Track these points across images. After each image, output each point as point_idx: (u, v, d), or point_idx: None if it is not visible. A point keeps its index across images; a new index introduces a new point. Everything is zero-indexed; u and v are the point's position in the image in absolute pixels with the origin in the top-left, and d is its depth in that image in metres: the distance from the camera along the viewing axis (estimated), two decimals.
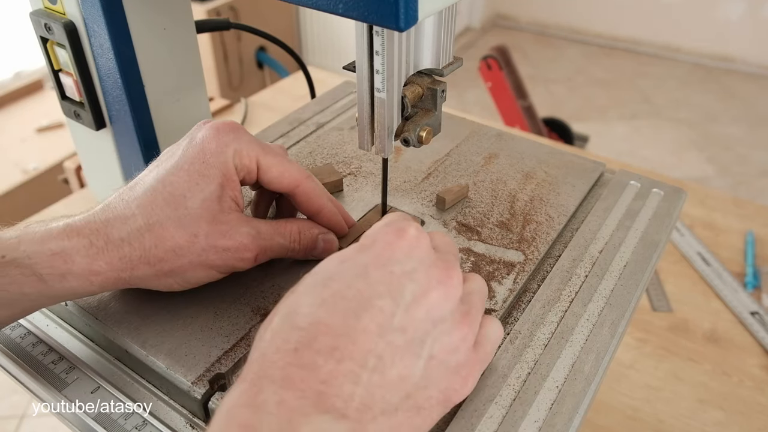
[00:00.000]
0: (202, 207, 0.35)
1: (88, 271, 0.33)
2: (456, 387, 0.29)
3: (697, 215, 0.91)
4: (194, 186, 0.35)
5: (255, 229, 0.36)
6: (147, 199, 0.34)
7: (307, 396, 0.24)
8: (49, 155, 1.67)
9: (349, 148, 0.56)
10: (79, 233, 0.33)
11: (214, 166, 0.35)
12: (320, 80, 0.85)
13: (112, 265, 0.33)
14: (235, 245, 0.35)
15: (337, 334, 0.26)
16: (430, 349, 0.28)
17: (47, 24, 0.47)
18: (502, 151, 0.55)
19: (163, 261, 0.34)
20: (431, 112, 0.40)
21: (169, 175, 0.35)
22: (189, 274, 0.35)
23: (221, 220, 0.35)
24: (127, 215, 0.34)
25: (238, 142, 0.36)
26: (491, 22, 3.74)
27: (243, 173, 0.37)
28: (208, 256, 0.35)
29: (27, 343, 0.38)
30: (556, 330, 0.38)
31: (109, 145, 0.53)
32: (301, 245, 0.39)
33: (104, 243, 0.33)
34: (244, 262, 0.36)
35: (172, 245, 0.34)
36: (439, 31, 0.37)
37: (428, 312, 0.28)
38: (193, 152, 0.36)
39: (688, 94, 3.01)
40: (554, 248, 0.45)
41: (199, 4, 2.13)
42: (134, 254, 0.33)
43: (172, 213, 0.34)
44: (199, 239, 0.34)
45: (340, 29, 2.72)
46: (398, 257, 0.28)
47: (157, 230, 0.34)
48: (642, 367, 0.70)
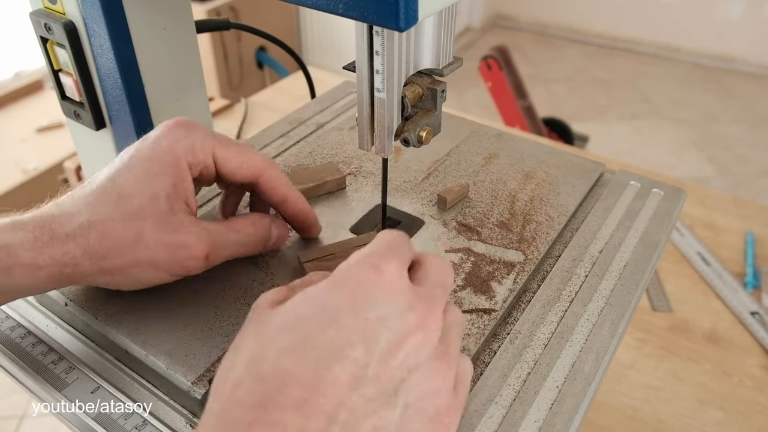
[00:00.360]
0: (150, 207, 0.34)
1: (33, 264, 0.32)
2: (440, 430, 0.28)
3: (697, 215, 0.91)
4: (141, 185, 0.34)
5: (204, 228, 0.36)
6: (94, 198, 0.34)
7: None
8: (49, 155, 1.67)
9: (349, 148, 0.56)
10: (24, 228, 0.33)
11: (163, 163, 0.35)
12: (320, 80, 0.85)
13: (56, 260, 0.33)
14: (183, 242, 0.35)
15: (305, 386, 0.24)
16: (405, 398, 0.26)
17: (47, 24, 0.47)
18: (502, 151, 0.55)
19: (106, 258, 0.34)
20: (431, 112, 0.40)
21: (118, 174, 0.35)
22: (135, 273, 0.35)
23: (168, 221, 0.35)
24: (73, 212, 0.34)
25: (189, 138, 0.36)
26: (491, 22, 3.74)
27: (199, 168, 0.37)
28: (154, 254, 0.34)
29: (27, 343, 0.38)
30: (556, 330, 0.38)
31: (109, 145, 0.53)
32: (255, 238, 0.39)
33: (48, 238, 0.33)
34: (194, 260, 0.35)
35: (116, 242, 0.33)
36: (439, 31, 0.37)
37: (403, 360, 0.26)
38: (144, 152, 0.35)
39: (688, 94, 3.01)
40: (554, 248, 0.45)
41: (199, 4, 2.13)
42: (77, 250, 0.33)
43: (118, 210, 0.34)
44: (144, 236, 0.34)
45: (340, 29, 2.72)
46: (372, 300, 0.26)
47: (100, 227, 0.33)
48: (642, 367, 0.70)
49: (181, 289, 0.39)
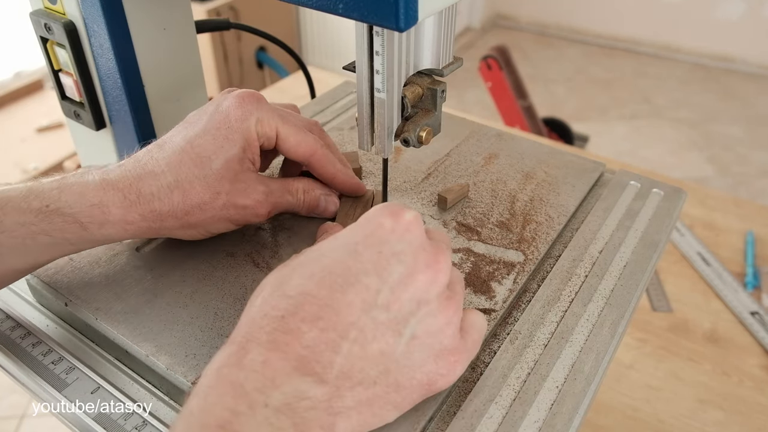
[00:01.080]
0: (225, 167, 0.38)
1: (123, 220, 0.36)
2: (442, 372, 0.30)
3: (697, 215, 0.91)
4: (219, 149, 0.38)
5: (268, 187, 0.40)
6: (175, 159, 0.38)
7: (290, 358, 0.26)
8: (49, 155, 1.67)
9: (349, 148, 0.56)
10: (114, 187, 0.36)
11: (237, 131, 0.39)
12: (320, 80, 0.85)
13: (144, 217, 0.37)
14: (252, 203, 0.39)
15: (322, 305, 0.27)
16: (413, 329, 0.28)
17: (47, 24, 0.47)
18: (502, 151, 0.55)
19: (188, 215, 0.38)
20: (431, 112, 0.40)
21: (196, 137, 0.38)
22: (211, 226, 0.39)
23: (240, 179, 0.39)
24: (157, 172, 0.37)
25: (260, 111, 0.40)
26: (491, 22, 3.74)
27: (263, 140, 0.40)
28: (228, 212, 0.39)
29: (27, 343, 0.38)
30: (556, 330, 0.38)
31: (109, 145, 0.53)
32: (305, 203, 0.43)
33: (136, 197, 0.36)
34: (258, 217, 0.40)
35: (197, 201, 0.38)
36: (439, 31, 0.37)
37: (414, 293, 0.28)
38: (219, 118, 0.39)
39: (688, 94, 3.01)
40: (554, 248, 0.45)
41: (199, 4, 2.13)
42: (163, 208, 0.37)
43: (199, 172, 0.38)
44: (221, 196, 0.38)
45: (340, 29, 2.72)
46: (389, 238, 0.29)
47: (184, 187, 0.37)
48: (642, 367, 0.70)
49: (181, 289, 0.39)
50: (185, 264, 0.41)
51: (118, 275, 0.40)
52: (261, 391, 0.25)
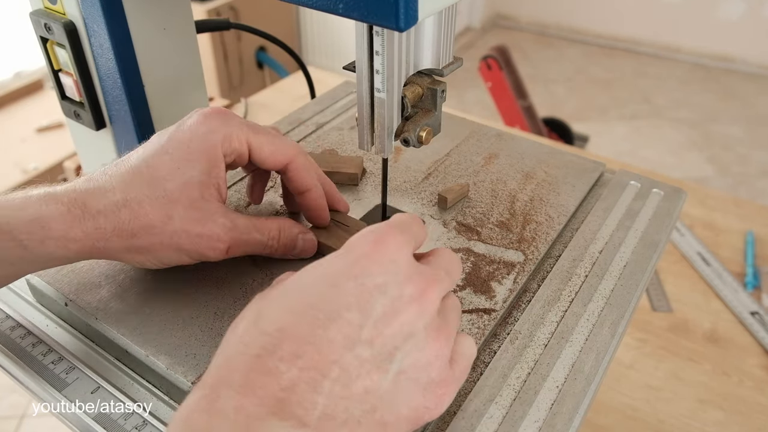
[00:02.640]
0: (181, 191, 0.35)
1: (65, 238, 0.33)
2: (429, 405, 0.28)
3: (697, 215, 0.91)
4: (176, 170, 0.35)
5: (231, 221, 0.37)
6: (128, 176, 0.35)
7: (266, 403, 0.24)
8: (49, 155, 1.67)
9: (349, 148, 0.56)
10: (58, 200, 0.34)
11: (199, 151, 0.36)
12: (320, 80, 0.85)
13: (88, 234, 0.34)
14: (208, 233, 0.36)
15: (302, 342, 0.25)
16: (400, 364, 0.27)
17: (47, 24, 0.47)
18: (502, 151, 0.55)
19: (135, 237, 0.35)
20: (431, 112, 0.40)
21: (152, 156, 0.36)
22: (160, 254, 0.36)
23: (198, 207, 0.36)
24: (107, 188, 0.35)
25: (227, 127, 0.37)
26: (491, 22, 3.74)
27: (233, 156, 0.38)
28: (180, 239, 0.35)
29: (27, 343, 0.38)
30: (556, 330, 0.38)
31: (109, 145, 0.53)
32: (280, 243, 0.40)
33: (81, 212, 0.34)
34: (215, 251, 0.37)
35: (145, 222, 0.35)
36: (439, 31, 0.37)
37: (399, 327, 0.27)
38: (180, 136, 0.36)
39: (688, 94, 3.01)
40: (554, 248, 0.45)
41: (199, 4, 2.13)
42: (108, 226, 0.34)
43: (150, 193, 0.35)
44: (173, 221, 0.35)
45: (340, 29, 2.72)
46: (371, 269, 0.27)
47: (133, 206, 0.34)
48: (642, 367, 0.70)
49: (181, 289, 0.39)
50: (185, 264, 0.41)
51: (118, 275, 0.40)
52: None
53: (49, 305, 0.40)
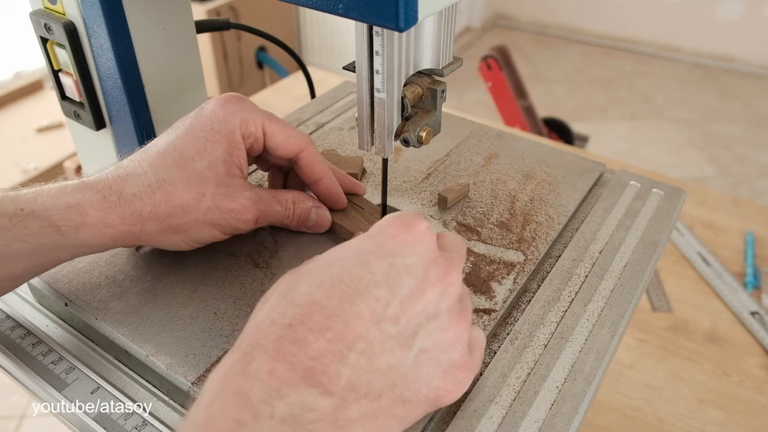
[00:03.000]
0: (209, 169, 0.37)
1: (101, 223, 0.35)
2: (449, 387, 0.29)
3: (697, 215, 0.91)
4: (202, 150, 0.37)
5: (256, 194, 0.39)
6: (158, 160, 0.37)
7: (296, 369, 0.25)
8: (49, 155, 1.67)
9: (349, 149, 0.56)
10: (93, 188, 0.35)
11: (220, 132, 0.38)
12: (320, 80, 0.85)
13: (124, 219, 0.35)
14: (238, 207, 0.38)
15: (331, 314, 0.26)
16: (422, 343, 0.28)
17: (47, 24, 0.47)
18: (502, 151, 0.55)
19: (171, 217, 0.36)
20: (431, 112, 0.40)
21: (178, 139, 0.38)
22: (194, 232, 0.37)
23: (226, 183, 0.38)
24: (139, 173, 0.36)
25: (244, 111, 0.39)
26: (491, 22, 3.74)
27: (250, 140, 0.39)
28: (213, 215, 0.37)
29: (27, 343, 0.38)
30: (556, 330, 0.38)
31: (109, 145, 0.53)
32: (295, 215, 0.42)
33: (117, 198, 0.35)
34: (245, 223, 0.39)
35: (180, 202, 0.36)
36: (439, 31, 0.37)
37: (423, 307, 0.28)
38: (201, 120, 0.38)
39: (688, 94, 3.01)
40: (554, 248, 0.45)
41: (199, 4, 2.13)
42: (144, 209, 0.36)
43: (182, 173, 0.36)
44: (205, 198, 0.37)
45: (340, 29, 2.72)
46: (400, 250, 0.28)
47: (166, 187, 0.36)
48: (642, 367, 0.70)
49: (181, 289, 0.39)
50: (185, 264, 0.41)
51: (118, 275, 0.40)
52: (266, 402, 0.24)
53: (49, 305, 0.41)
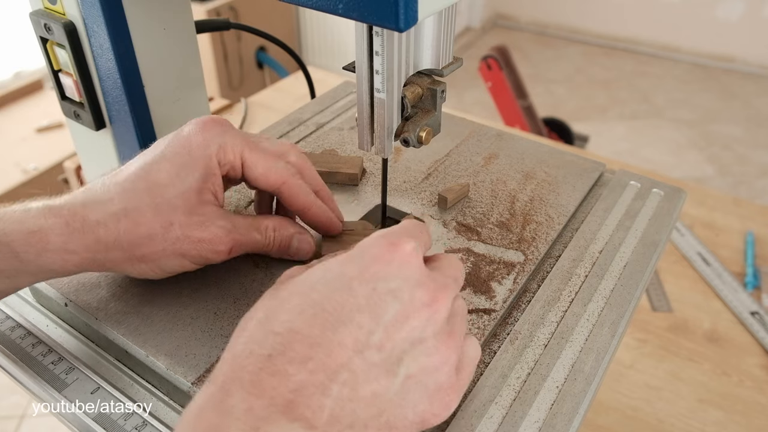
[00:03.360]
0: (181, 197, 0.35)
1: (63, 249, 0.33)
2: (436, 411, 0.28)
3: (697, 215, 0.91)
4: (175, 177, 0.35)
5: (231, 223, 0.37)
6: (127, 185, 0.35)
7: (276, 404, 0.24)
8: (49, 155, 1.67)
9: (349, 149, 0.56)
10: (57, 214, 0.34)
11: (197, 158, 0.36)
12: (320, 80, 0.85)
13: (88, 247, 0.34)
14: (209, 237, 0.36)
15: (312, 344, 0.25)
16: (407, 369, 0.27)
17: (47, 24, 0.47)
18: (502, 151, 0.55)
19: (136, 246, 0.35)
20: (431, 112, 0.40)
21: (151, 164, 0.36)
22: (162, 262, 0.36)
23: (198, 212, 0.36)
24: (105, 199, 0.35)
25: (222, 137, 0.37)
26: (491, 22, 3.74)
27: (227, 168, 0.37)
28: (182, 245, 0.35)
29: (27, 343, 0.38)
30: (556, 330, 0.38)
31: (109, 145, 0.53)
32: (275, 242, 0.39)
33: (80, 224, 0.34)
34: (217, 254, 0.37)
35: (146, 231, 0.34)
36: (438, 32, 0.37)
37: (408, 333, 0.27)
38: (177, 144, 0.36)
39: (688, 94, 3.01)
40: (554, 248, 0.45)
41: (199, 4, 2.13)
42: (109, 237, 0.34)
43: (150, 201, 0.35)
44: (174, 227, 0.35)
45: (340, 29, 2.72)
46: (384, 274, 0.27)
47: (133, 215, 0.34)
48: (642, 367, 0.70)
49: (181, 289, 0.39)
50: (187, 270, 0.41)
51: (117, 275, 0.40)
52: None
53: (49, 306, 0.40)
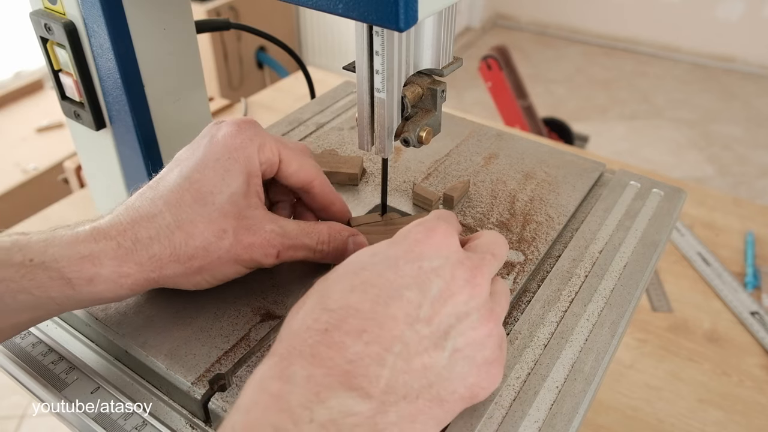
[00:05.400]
0: (229, 203, 0.35)
1: (116, 273, 0.32)
2: (483, 384, 0.30)
3: (697, 215, 0.91)
4: (220, 182, 0.35)
5: (280, 227, 0.36)
6: (174, 197, 0.34)
7: (334, 374, 0.25)
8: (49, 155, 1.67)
9: (349, 149, 0.56)
10: (107, 236, 0.32)
11: (239, 161, 0.35)
12: (320, 80, 0.85)
13: (142, 266, 0.33)
14: (260, 241, 0.35)
15: (365, 318, 0.27)
16: (455, 342, 0.28)
17: (47, 24, 0.47)
18: (502, 151, 0.55)
19: (193, 258, 0.34)
20: (431, 112, 0.40)
21: (194, 172, 0.35)
22: (218, 271, 0.35)
23: (247, 216, 0.35)
24: (155, 213, 0.33)
25: (260, 137, 0.37)
26: (491, 22, 3.74)
27: (265, 167, 0.37)
28: (236, 251, 0.35)
29: (27, 343, 0.38)
30: (555, 330, 0.38)
31: (109, 145, 0.53)
32: (331, 247, 0.39)
33: (132, 243, 0.33)
34: (268, 258, 0.36)
35: (201, 242, 0.34)
36: (439, 31, 0.37)
37: (453, 308, 0.28)
38: (216, 149, 0.36)
39: (688, 94, 3.01)
40: (554, 248, 0.45)
41: (199, 4, 2.13)
42: (164, 252, 0.33)
43: (201, 209, 0.34)
44: (227, 235, 0.34)
45: (340, 29, 2.72)
46: (427, 254, 0.29)
47: (186, 227, 0.33)
48: (642, 367, 0.70)
49: (180, 290, 0.39)
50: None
51: None
52: (305, 406, 0.24)
53: None
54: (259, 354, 0.35)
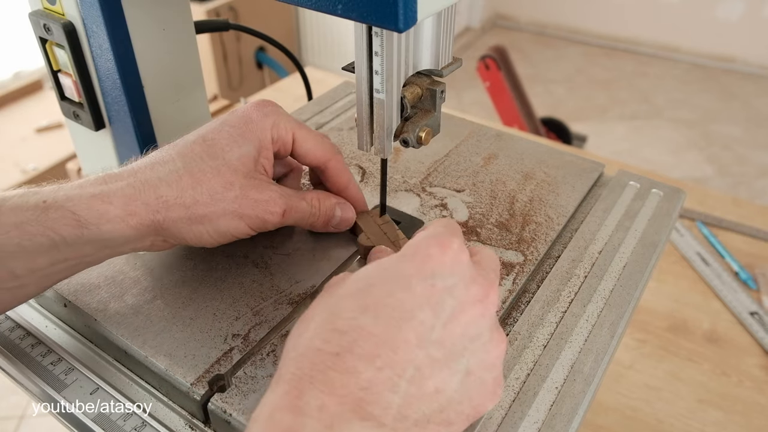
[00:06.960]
0: (239, 161, 0.37)
1: (125, 212, 0.34)
2: (488, 404, 0.29)
3: (696, 215, 0.91)
4: (233, 143, 0.37)
5: (282, 190, 0.39)
6: (187, 149, 0.37)
7: (347, 402, 0.24)
8: (49, 155, 1.67)
9: (349, 149, 0.56)
10: (118, 178, 0.35)
11: (253, 131, 0.38)
12: (319, 81, 0.85)
13: (148, 206, 0.34)
14: (266, 198, 0.37)
15: (378, 341, 0.26)
16: (467, 364, 0.28)
17: (46, 25, 0.47)
18: (501, 151, 0.55)
19: (197, 204, 0.35)
20: (430, 112, 0.40)
21: (210, 132, 0.38)
22: (221, 222, 0.36)
23: (254, 177, 0.38)
24: (166, 159, 0.36)
25: (276, 116, 0.39)
26: (491, 22, 3.74)
27: (278, 145, 0.40)
28: (241, 204, 0.36)
29: (26, 344, 0.38)
30: (555, 331, 0.38)
31: (108, 145, 0.53)
32: (321, 211, 0.41)
33: (141, 183, 0.35)
34: (272, 215, 0.38)
35: (208, 188, 0.35)
36: (438, 32, 0.37)
37: (465, 328, 0.28)
38: (233, 119, 0.39)
39: (688, 94, 3.01)
40: (553, 249, 0.45)
41: (199, 4, 2.13)
42: (170, 194, 0.35)
43: (211, 162, 0.36)
44: (234, 187, 0.36)
45: (339, 29, 2.72)
46: (440, 271, 0.28)
47: (195, 174, 0.36)
48: (641, 367, 0.70)
49: (180, 290, 0.39)
50: (184, 264, 0.41)
51: (117, 275, 0.40)
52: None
53: (49, 306, 0.40)
54: (259, 355, 0.35)
